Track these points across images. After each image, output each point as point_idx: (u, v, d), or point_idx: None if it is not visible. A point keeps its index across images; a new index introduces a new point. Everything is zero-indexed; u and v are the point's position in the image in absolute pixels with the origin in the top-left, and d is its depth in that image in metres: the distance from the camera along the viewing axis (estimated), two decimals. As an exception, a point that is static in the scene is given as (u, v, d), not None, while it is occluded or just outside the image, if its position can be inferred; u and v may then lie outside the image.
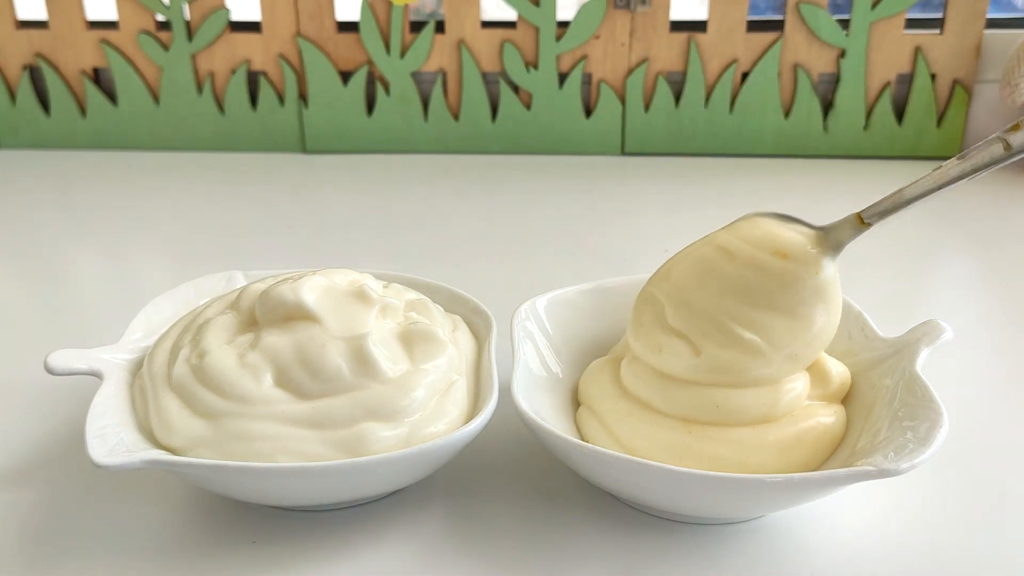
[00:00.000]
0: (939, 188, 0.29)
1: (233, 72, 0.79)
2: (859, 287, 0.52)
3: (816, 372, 0.34)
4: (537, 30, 0.76)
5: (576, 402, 0.36)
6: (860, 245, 0.31)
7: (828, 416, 0.33)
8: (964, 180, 0.29)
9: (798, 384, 0.32)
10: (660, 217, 0.65)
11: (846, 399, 0.34)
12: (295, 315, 0.32)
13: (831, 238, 0.31)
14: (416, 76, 0.78)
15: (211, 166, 0.78)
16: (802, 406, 0.32)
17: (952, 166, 0.28)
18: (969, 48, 0.75)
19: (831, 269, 0.32)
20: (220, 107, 0.80)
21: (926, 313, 0.36)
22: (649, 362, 0.33)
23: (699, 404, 0.32)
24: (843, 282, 0.32)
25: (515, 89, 0.78)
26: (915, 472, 0.27)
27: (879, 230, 0.31)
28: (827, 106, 0.78)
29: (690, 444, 0.31)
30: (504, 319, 0.37)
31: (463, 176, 0.75)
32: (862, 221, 0.31)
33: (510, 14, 0.77)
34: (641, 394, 0.33)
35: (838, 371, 0.34)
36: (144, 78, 0.79)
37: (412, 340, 0.33)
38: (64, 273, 0.56)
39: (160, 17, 0.78)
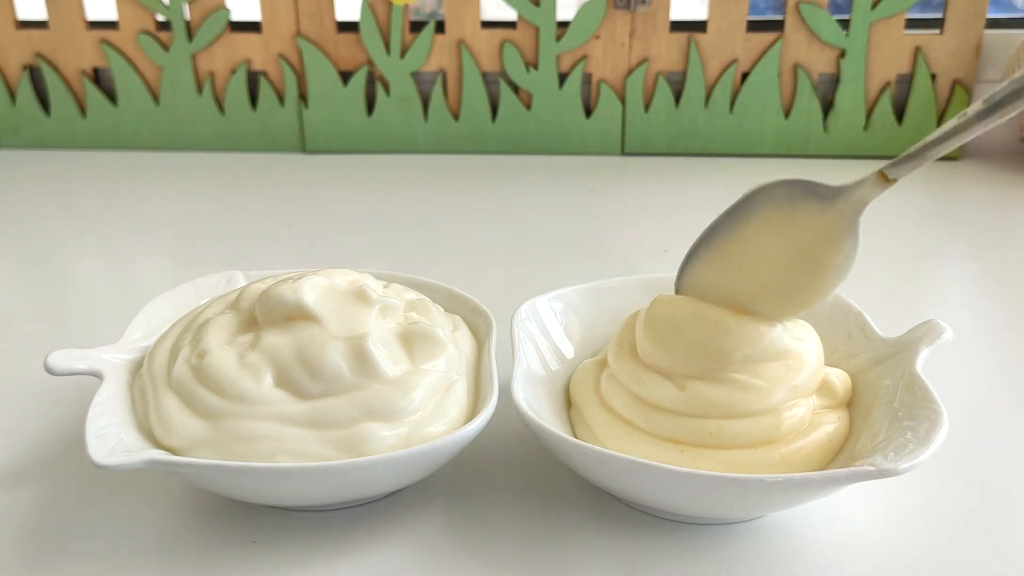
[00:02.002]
0: (963, 132, 0.26)
1: (233, 72, 0.79)
2: (859, 287, 0.52)
3: (821, 387, 0.33)
4: (537, 30, 0.76)
5: (574, 402, 0.36)
6: (860, 244, 0.31)
7: (832, 423, 0.32)
8: (988, 124, 0.26)
9: (801, 409, 0.31)
10: (660, 217, 0.65)
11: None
12: (295, 315, 0.32)
13: (853, 199, 0.29)
14: (416, 76, 0.78)
15: (211, 166, 0.78)
16: (806, 424, 0.31)
17: (976, 110, 0.26)
18: (969, 48, 0.75)
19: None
20: (220, 107, 0.80)
21: (926, 313, 0.36)
22: (629, 388, 0.32)
23: (688, 430, 0.31)
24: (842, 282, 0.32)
25: (515, 89, 0.78)
26: (915, 472, 0.27)
27: (879, 229, 0.31)
28: (827, 106, 0.78)
29: (682, 462, 0.30)
30: (504, 319, 0.37)
31: (463, 176, 0.75)
32: (886, 178, 0.28)
33: (510, 14, 0.77)
34: (622, 413, 0.32)
35: (841, 381, 0.33)
36: (144, 78, 0.79)
37: (412, 340, 0.33)
38: (64, 273, 0.56)
39: (160, 17, 0.78)
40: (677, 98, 0.78)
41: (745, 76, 0.77)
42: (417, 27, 0.77)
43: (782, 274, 0.31)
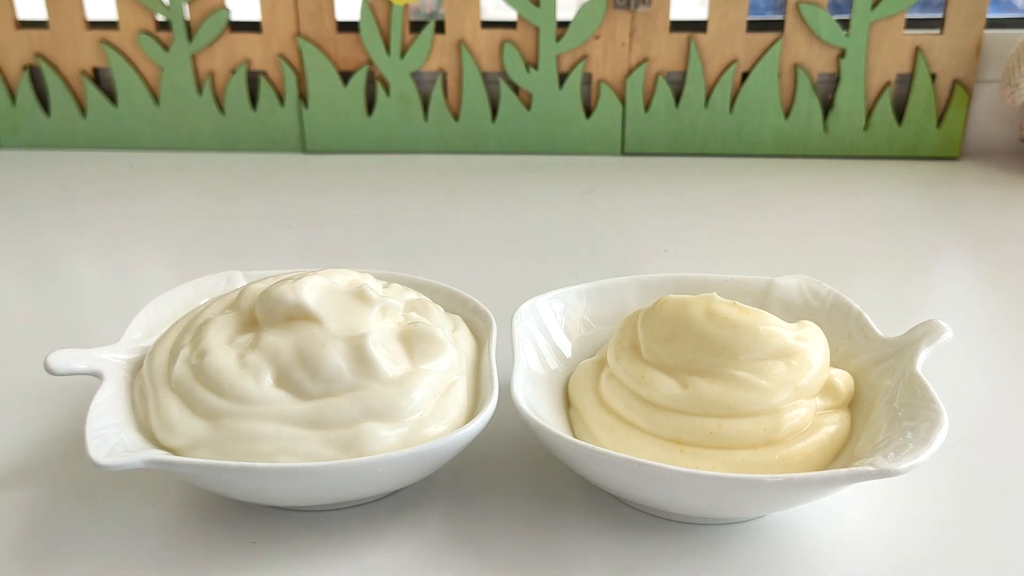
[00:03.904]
0: None
1: (233, 72, 0.79)
2: (859, 287, 0.52)
3: (824, 388, 0.33)
4: (537, 30, 0.76)
5: (574, 402, 0.36)
6: (860, 244, 0.31)
7: (834, 424, 0.32)
8: None
9: (802, 410, 0.31)
10: (660, 217, 0.65)
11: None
12: (295, 315, 0.32)
13: None
14: (416, 76, 0.79)
15: (211, 166, 0.78)
16: (808, 426, 0.31)
17: None
18: (969, 48, 0.75)
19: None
20: (220, 107, 0.80)
21: (926, 313, 0.36)
22: (630, 388, 0.32)
23: (688, 429, 0.31)
24: (842, 282, 0.32)
25: (515, 89, 0.78)
26: (915, 472, 0.27)
27: (879, 229, 0.31)
28: (827, 106, 0.78)
29: (682, 462, 0.30)
30: (504, 319, 0.37)
31: (463, 176, 0.75)
32: None
33: (510, 14, 0.77)
34: (622, 413, 0.32)
35: (845, 382, 0.33)
36: (144, 78, 0.79)
37: (412, 340, 0.33)
38: (64, 273, 0.56)
39: (160, 17, 0.78)
40: (677, 98, 0.78)
41: (745, 76, 0.77)
42: (417, 27, 0.77)
43: None
